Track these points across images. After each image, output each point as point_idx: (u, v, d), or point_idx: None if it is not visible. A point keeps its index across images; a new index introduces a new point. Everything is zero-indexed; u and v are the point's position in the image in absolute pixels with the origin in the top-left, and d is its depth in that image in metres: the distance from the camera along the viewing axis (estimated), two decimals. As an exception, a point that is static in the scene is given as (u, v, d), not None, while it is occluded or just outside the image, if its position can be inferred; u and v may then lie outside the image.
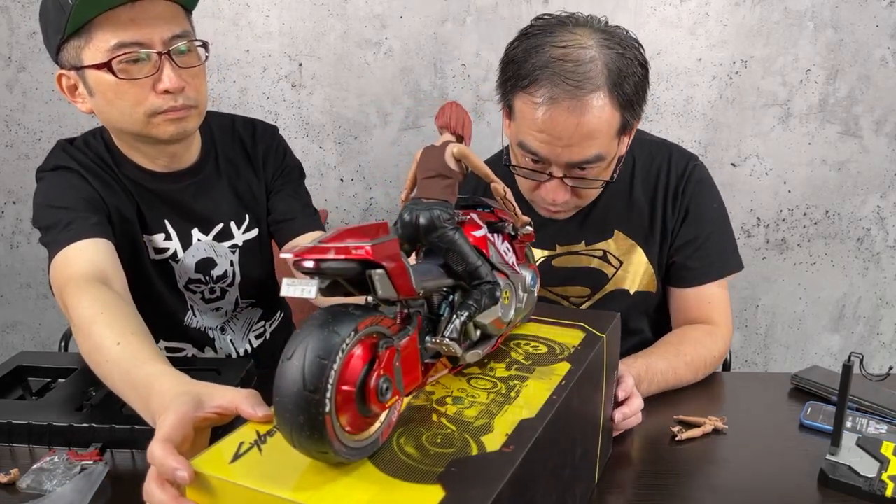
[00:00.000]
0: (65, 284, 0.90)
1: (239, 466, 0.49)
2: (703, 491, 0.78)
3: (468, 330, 0.60)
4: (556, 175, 1.01)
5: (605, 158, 0.99)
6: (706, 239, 1.13)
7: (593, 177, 1.01)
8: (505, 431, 0.54)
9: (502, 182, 0.67)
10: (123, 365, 0.74)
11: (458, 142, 0.63)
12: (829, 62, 1.78)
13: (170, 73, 0.95)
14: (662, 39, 1.76)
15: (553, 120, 0.94)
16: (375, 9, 1.72)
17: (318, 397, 0.43)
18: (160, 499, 0.52)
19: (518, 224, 0.68)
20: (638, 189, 1.14)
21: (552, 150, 0.97)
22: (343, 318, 0.46)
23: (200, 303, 1.17)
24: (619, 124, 0.98)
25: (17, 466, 0.78)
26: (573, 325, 0.76)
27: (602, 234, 1.14)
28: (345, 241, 0.46)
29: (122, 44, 0.92)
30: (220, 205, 1.14)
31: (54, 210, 1.00)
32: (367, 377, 0.47)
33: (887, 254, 1.94)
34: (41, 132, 1.76)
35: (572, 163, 0.98)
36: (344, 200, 1.86)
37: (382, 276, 0.47)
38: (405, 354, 0.51)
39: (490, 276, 0.60)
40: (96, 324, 0.80)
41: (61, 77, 1.00)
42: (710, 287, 1.14)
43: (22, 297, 1.90)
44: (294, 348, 0.45)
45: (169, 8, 0.96)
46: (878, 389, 0.96)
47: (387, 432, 0.52)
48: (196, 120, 1.02)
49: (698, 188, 1.14)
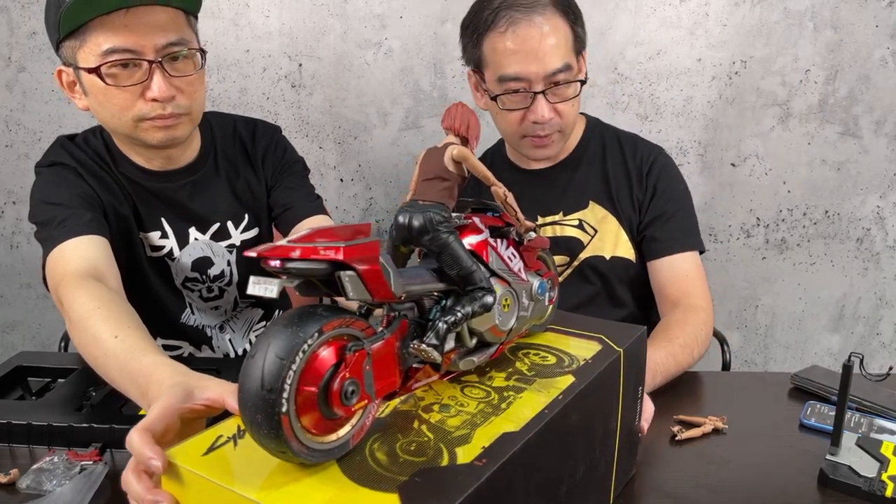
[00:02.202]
0: (60, 281, 0.90)
1: (209, 459, 0.50)
2: (703, 491, 0.78)
3: (462, 337, 0.59)
4: (537, 90, 1.12)
5: (572, 69, 1.13)
6: (672, 215, 1.24)
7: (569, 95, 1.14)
8: (482, 444, 0.52)
9: (503, 185, 0.66)
10: (121, 357, 0.74)
11: (463, 144, 0.62)
12: (829, 62, 1.78)
13: (159, 82, 0.94)
14: (662, 39, 1.76)
15: (521, 37, 1.10)
16: (375, 9, 1.72)
17: (274, 396, 0.43)
18: (135, 489, 0.53)
19: (521, 229, 0.66)
20: (609, 167, 1.27)
21: (528, 66, 1.10)
22: (309, 318, 0.46)
23: (199, 301, 1.17)
24: (572, 35, 1.13)
25: (16, 466, 0.78)
26: (591, 337, 0.73)
27: (578, 205, 1.27)
28: (315, 241, 0.45)
29: (113, 49, 0.92)
30: (218, 204, 1.14)
31: (49, 206, 1.00)
32: (331, 379, 0.47)
33: (887, 254, 1.94)
34: (41, 132, 1.76)
35: (548, 73, 1.11)
36: (344, 200, 1.86)
37: (353, 278, 0.46)
38: (379, 358, 0.50)
39: (484, 283, 0.58)
40: (93, 318, 0.80)
41: (61, 72, 1.00)
42: (682, 260, 1.23)
43: (22, 297, 1.90)
44: (258, 347, 0.45)
45: (167, 14, 0.95)
46: (878, 389, 0.96)
47: (358, 435, 0.51)
48: (187, 127, 1.02)
49: (665, 170, 1.27)
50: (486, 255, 0.62)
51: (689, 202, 1.29)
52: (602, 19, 1.74)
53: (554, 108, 1.15)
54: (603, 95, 1.79)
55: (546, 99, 1.13)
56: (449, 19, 1.73)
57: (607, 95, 1.80)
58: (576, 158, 1.29)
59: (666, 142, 1.83)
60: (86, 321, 0.81)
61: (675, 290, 1.21)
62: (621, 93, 1.80)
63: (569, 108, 1.17)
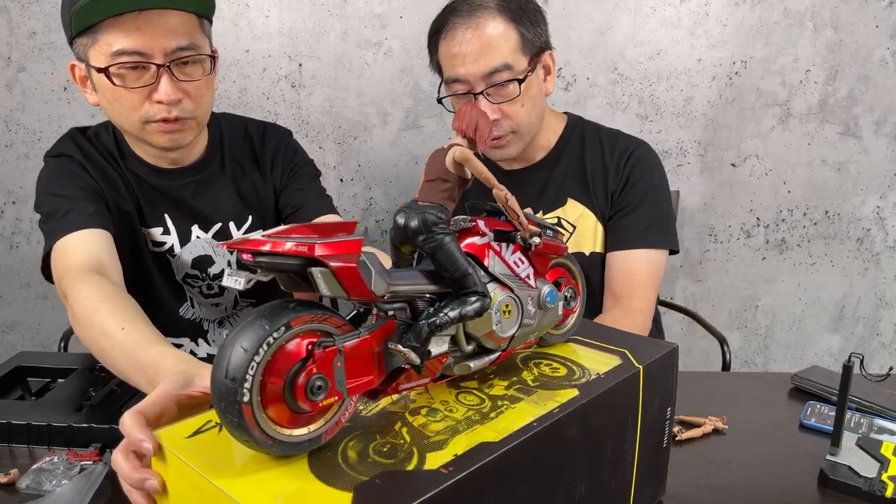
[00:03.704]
0: (64, 275, 0.92)
1: (191, 442, 0.52)
2: (703, 491, 0.78)
3: (458, 340, 0.58)
4: (476, 91, 1.14)
5: (513, 68, 1.13)
6: (635, 207, 1.23)
7: (510, 94, 1.14)
8: (455, 451, 0.51)
9: (505, 188, 0.66)
10: (129, 348, 0.75)
11: (470, 146, 0.61)
12: (829, 62, 1.78)
13: (166, 86, 0.95)
14: (662, 39, 1.76)
15: (457, 40, 1.14)
16: (375, 9, 1.72)
17: (236, 386, 0.45)
18: (122, 467, 0.54)
19: (525, 234, 0.64)
20: (587, 161, 1.27)
21: (466, 68, 1.14)
22: (279, 312, 0.47)
23: (199, 296, 1.18)
24: (516, 36, 1.14)
25: (16, 466, 0.78)
26: (613, 351, 0.69)
27: (556, 203, 1.28)
28: (290, 236, 0.46)
29: (123, 51, 0.93)
30: (221, 204, 1.14)
31: (54, 198, 1.02)
32: (297, 373, 0.47)
33: (887, 254, 1.94)
34: (41, 132, 1.76)
35: (483, 73, 1.13)
36: (344, 200, 1.86)
37: (326, 275, 0.47)
38: (353, 356, 0.50)
39: (479, 287, 0.57)
40: (99, 311, 0.81)
41: (74, 67, 1.02)
42: (634, 257, 1.21)
43: (22, 297, 1.90)
44: (229, 337, 0.46)
45: (180, 18, 0.95)
46: (878, 390, 0.96)
47: (332, 431, 0.51)
48: (193, 132, 1.03)
49: (640, 163, 1.26)
50: (486, 259, 0.60)
51: (662, 199, 1.26)
52: (602, 19, 1.74)
53: (499, 110, 1.15)
54: (603, 95, 1.79)
55: (488, 100, 1.14)
56: (449, 19, 1.73)
57: (607, 95, 1.80)
58: (553, 157, 1.29)
59: (666, 142, 1.83)
60: (92, 315, 0.82)
61: (619, 286, 1.21)
62: (621, 93, 1.80)
63: (517, 109, 1.16)
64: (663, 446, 0.73)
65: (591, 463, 0.62)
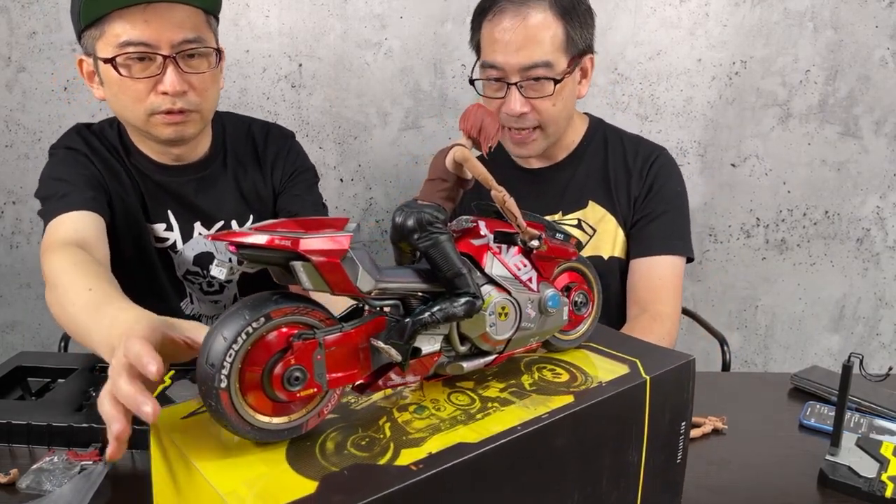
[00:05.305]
0: (45, 250, 0.92)
1: (185, 423, 0.54)
2: (703, 491, 0.78)
3: (452, 340, 0.58)
4: (510, 81, 1.12)
5: (552, 66, 1.11)
6: (660, 214, 1.23)
7: (544, 91, 1.12)
8: (430, 450, 0.50)
9: (504, 189, 0.65)
10: (93, 304, 0.72)
11: (475, 146, 0.61)
12: (829, 62, 1.78)
13: (172, 76, 0.97)
14: (662, 40, 1.76)
15: (501, 27, 1.11)
16: (375, 9, 1.72)
17: (213, 372, 0.46)
18: (127, 390, 0.50)
19: (524, 236, 0.63)
20: (610, 165, 1.26)
21: (505, 56, 1.11)
22: (260, 304, 0.48)
23: (199, 293, 1.19)
24: (562, 35, 1.12)
25: (16, 466, 0.78)
26: (623, 360, 0.67)
27: (577, 205, 1.26)
28: (276, 229, 0.47)
29: (129, 42, 0.95)
30: (224, 202, 1.15)
31: (54, 182, 1.03)
32: (276, 363, 0.48)
33: (887, 254, 1.94)
34: (41, 132, 1.76)
35: (523, 67, 1.11)
36: (344, 200, 1.86)
37: (308, 268, 0.48)
38: (335, 350, 0.50)
39: (471, 288, 0.56)
40: (68, 273, 0.80)
41: (82, 62, 1.03)
42: (659, 264, 1.21)
43: (22, 297, 1.90)
44: (216, 325, 0.47)
45: (186, 12, 0.97)
46: (878, 390, 0.96)
47: (314, 422, 0.52)
48: (197, 125, 1.04)
49: (664, 170, 1.26)
50: (483, 261, 0.60)
51: (683, 206, 1.27)
52: (602, 19, 1.73)
53: (529, 103, 1.13)
54: (603, 95, 1.79)
55: (520, 93, 1.12)
56: (449, 19, 1.73)
57: (607, 95, 1.80)
58: (576, 158, 1.28)
59: (666, 142, 1.82)
60: (60, 276, 0.80)
61: (645, 292, 1.20)
62: (621, 93, 1.80)
63: (547, 106, 1.14)
64: (677, 462, 0.68)
65: (585, 472, 0.60)
